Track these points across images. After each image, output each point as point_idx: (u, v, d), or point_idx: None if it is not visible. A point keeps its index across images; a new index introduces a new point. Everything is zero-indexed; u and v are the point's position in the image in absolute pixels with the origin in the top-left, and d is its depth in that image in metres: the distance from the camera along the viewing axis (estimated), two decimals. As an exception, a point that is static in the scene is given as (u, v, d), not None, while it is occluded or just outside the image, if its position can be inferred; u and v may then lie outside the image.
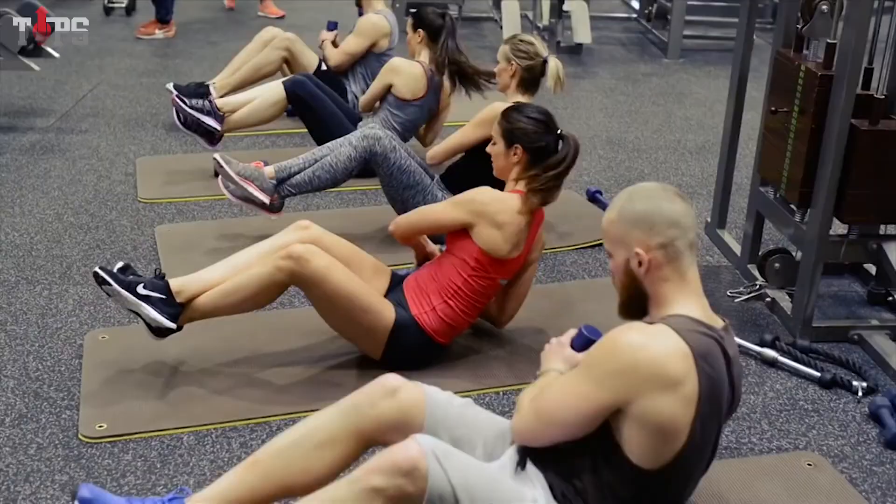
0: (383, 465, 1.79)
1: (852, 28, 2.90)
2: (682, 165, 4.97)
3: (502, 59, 3.71)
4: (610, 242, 1.96)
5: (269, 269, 2.72)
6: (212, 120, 4.43)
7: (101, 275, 2.73)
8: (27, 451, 2.52)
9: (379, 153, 3.64)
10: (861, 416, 2.83)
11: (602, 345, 1.86)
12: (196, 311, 2.81)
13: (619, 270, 1.95)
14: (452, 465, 1.81)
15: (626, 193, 1.96)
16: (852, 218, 3.15)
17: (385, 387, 2.05)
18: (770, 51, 3.46)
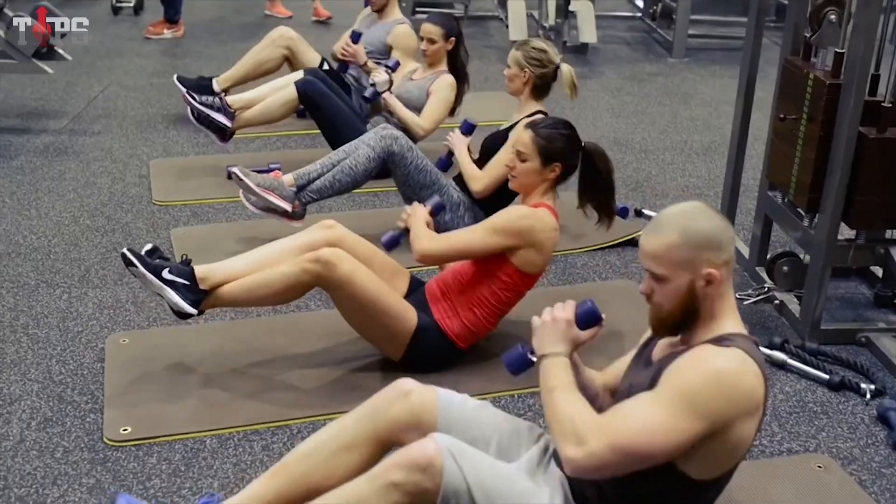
0: (401, 462, 1.88)
1: (860, 37, 2.94)
2: (689, 167, 5.02)
3: (514, 65, 3.72)
4: (669, 267, 1.88)
5: (297, 269, 2.79)
6: (222, 116, 4.48)
7: (129, 256, 2.80)
8: (54, 454, 2.58)
9: (397, 152, 3.70)
10: (869, 419, 2.89)
11: (696, 373, 1.80)
12: (219, 300, 2.88)
13: (677, 293, 1.89)
14: (468, 463, 1.88)
15: (680, 216, 1.89)
16: (860, 224, 3.21)
17: (398, 390, 2.14)
18: (775, 50, 3.51)
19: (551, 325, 2.01)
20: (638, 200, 4.50)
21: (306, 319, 3.33)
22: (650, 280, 1.92)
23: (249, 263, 2.93)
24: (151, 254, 2.90)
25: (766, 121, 3.93)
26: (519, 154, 2.92)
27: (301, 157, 4.46)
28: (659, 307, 1.93)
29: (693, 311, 1.91)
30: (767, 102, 3.99)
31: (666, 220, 1.90)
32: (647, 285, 1.93)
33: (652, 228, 1.92)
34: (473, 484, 1.87)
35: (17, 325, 3.23)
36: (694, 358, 1.83)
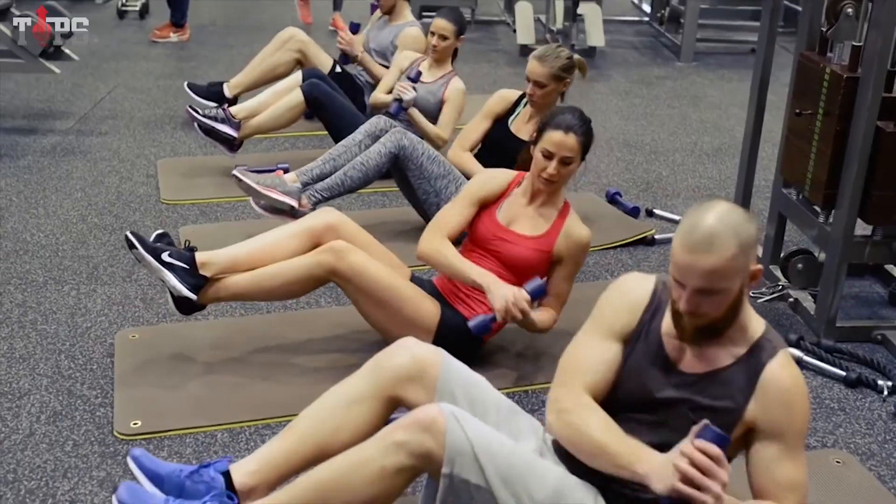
0: (406, 423, 1.91)
1: (879, 31, 2.92)
2: (699, 168, 5.00)
3: (550, 81, 3.59)
4: (730, 278, 1.80)
5: (309, 262, 2.77)
6: (227, 127, 4.46)
7: (131, 239, 2.79)
8: (63, 447, 2.55)
9: (407, 146, 3.68)
10: (887, 415, 2.85)
11: (804, 410, 1.91)
12: (224, 292, 2.85)
13: (728, 299, 1.84)
14: (471, 426, 1.89)
15: (726, 226, 1.78)
16: (877, 219, 3.17)
17: (402, 344, 2.19)
18: (784, 55, 3.50)
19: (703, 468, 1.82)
20: (649, 201, 4.47)
21: (316, 316, 3.30)
22: (696, 297, 1.82)
23: (252, 251, 2.90)
24: (161, 238, 2.90)
25: (776, 123, 3.92)
26: (564, 160, 2.82)
27: (310, 158, 4.41)
28: (704, 317, 1.86)
29: (737, 311, 1.90)
30: (777, 105, 3.98)
31: (716, 233, 1.77)
32: (692, 302, 1.83)
33: (701, 246, 1.77)
34: (478, 445, 1.87)
35: (26, 320, 3.20)
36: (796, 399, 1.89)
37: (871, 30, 2.97)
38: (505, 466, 1.88)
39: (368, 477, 1.90)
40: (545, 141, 2.82)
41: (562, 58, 3.62)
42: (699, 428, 1.79)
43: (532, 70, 3.61)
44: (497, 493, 1.87)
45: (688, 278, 1.81)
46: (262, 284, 2.85)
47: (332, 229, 2.92)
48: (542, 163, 2.83)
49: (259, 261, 2.88)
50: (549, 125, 2.84)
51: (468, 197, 2.97)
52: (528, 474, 1.91)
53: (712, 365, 1.93)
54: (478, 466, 1.86)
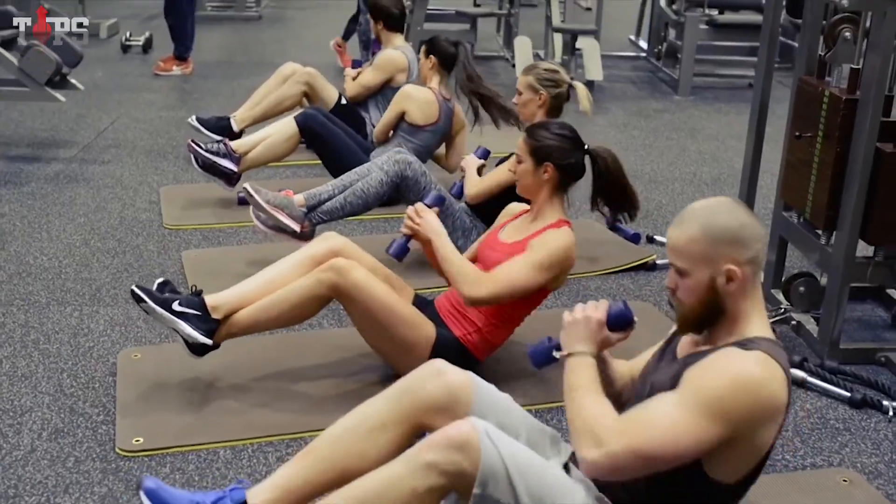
0: (438, 441, 1.84)
1: (877, 53, 2.96)
2: (698, 196, 5.01)
3: (527, 90, 3.70)
4: (689, 260, 1.86)
5: (311, 282, 2.75)
6: (228, 162, 4.46)
7: (138, 293, 2.75)
8: (65, 463, 2.53)
9: (410, 177, 3.69)
10: (893, 435, 2.84)
11: (714, 374, 1.77)
12: (235, 327, 2.83)
13: (697, 288, 1.87)
14: (505, 445, 1.84)
15: (704, 210, 1.88)
16: (879, 240, 3.19)
17: (433, 368, 2.11)
18: (780, 89, 3.53)
19: (582, 323, 1.99)
20: (649, 228, 4.49)
21: (318, 336, 3.30)
22: (674, 274, 1.91)
23: (259, 285, 2.89)
24: (163, 287, 2.86)
25: (773, 153, 3.95)
26: (517, 157, 2.93)
27: (311, 186, 4.44)
28: (681, 303, 1.92)
29: (716, 308, 1.89)
30: (774, 137, 4.01)
31: (690, 214, 1.89)
32: (671, 279, 1.93)
33: (677, 221, 1.91)
34: (511, 465, 1.82)
35: (28, 340, 3.20)
36: (718, 361, 1.80)
37: (869, 53, 3.01)
38: (536, 486, 1.84)
39: (400, 499, 1.83)
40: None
41: (540, 70, 3.70)
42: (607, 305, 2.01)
43: (518, 81, 3.76)
44: None
45: (667, 251, 1.93)
46: (269, 313, 2.82)
47: (336, 255, 2.92)
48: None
49: (268, 295, 2.87)
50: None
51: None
52: (558, 493, 1.87)
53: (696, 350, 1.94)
54: (510, 486, 1.81)
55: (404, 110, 4.43)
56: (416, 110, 4.41)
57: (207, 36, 9.08)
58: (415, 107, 4.41)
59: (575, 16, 8.12)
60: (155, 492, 2.01)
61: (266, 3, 11.12)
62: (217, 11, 10.46)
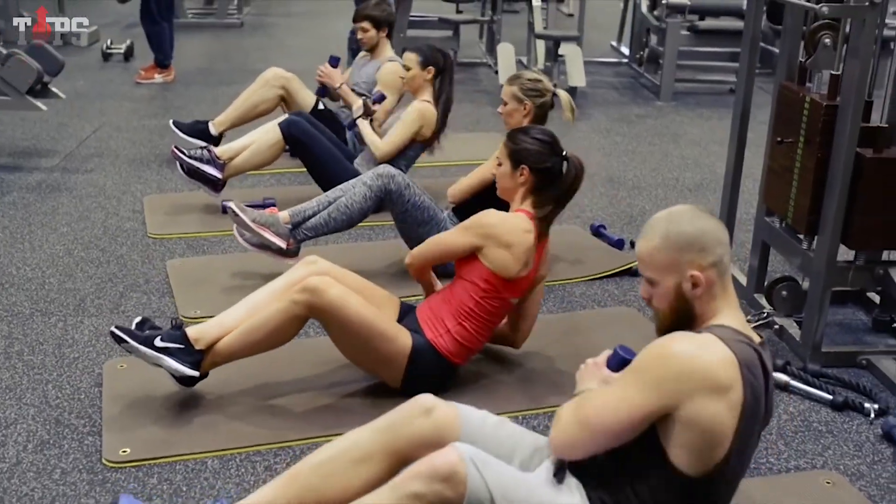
0: (423, 471, 1.84)
1: (856, 60, 2.99)
2: (681, 201, 4.97)
3: (511, 100, 3.72)
4: (655, 270, 1.94)
5: (286, 303, 2.75)
6: (212, 168, 4.47)
7: (118, 334, 2.74)
8: (52, 475, 2.52)
9: (394, 191, 3.69)
10: (875, 437, 2.87)
11: (650, 352, 1.88)
12: (219, 356, 2.82)
13: (667, 295, 1.95)
14: (490, 473, 1.85)
15: (664, 220, 1.96)
16: (859, 244, 3.23)
17: (420, 405, 2.10)
18: (761, 95, 3.56)
19: (590, 368, 2.10)
20: (633, 233, 4.51)
21: (304, 345, 3.29)
22: (646, 284, 2.00)
23: (241, 314, 2.88)
24: (142, 325, 2.86)
25: (756, 159, 3.98)
26: (497, 160, 3.01)
27: (295, 194, 4.46)
28: (656, 310, 2.00)
29: (687, 312, 1.96)
30: (756, 142, 4.04)
31: (652, 224, 1.98)
32: (645, 289, 2.01)
33: (642, 232, 2.00)
34: (496, 492, 1.84)
35: (12, 351, 3.18)
36: (656, 341, 1.90)
37: (849, 59, 3.04)
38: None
39: None
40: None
41: (524, 80, 3.72)
42: (611, 352, 2.07)
43: (503, 90, 3.78)
44: None
45: (637, 263, 2.02)
46: (250, 338, 2.81)
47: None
48: None
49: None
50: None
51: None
52: None
53: None
54: None
55: (420, 128, 4.37)
56: (428, 130, 4.38)
57: (188, 43, 9.06)
58: (428, 127, 4.37)
59: (557, 22, 8.17)
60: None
61: (248, 10, 11.11)
62: (198, 18, 10.44)
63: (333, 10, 11.18)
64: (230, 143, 4.68)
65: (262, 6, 11.79)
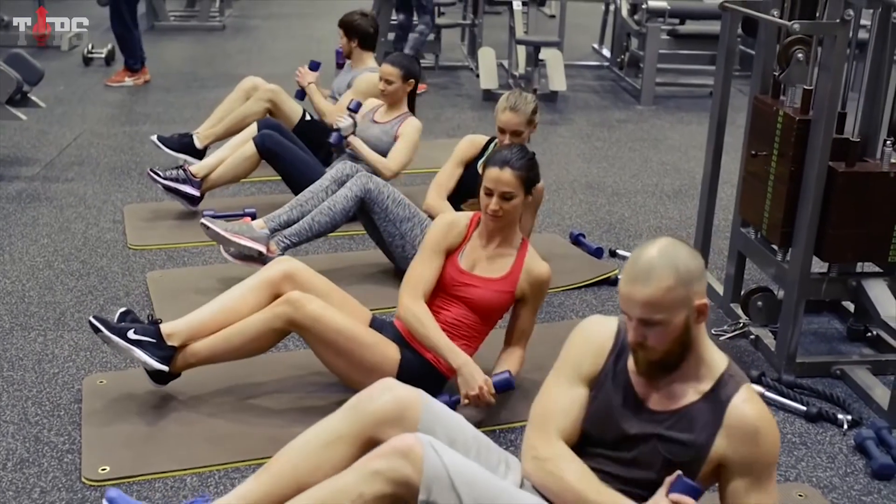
0: (383, 450, 1.95)
1: (828, 75, 3.03)
2: (660, 208, 5.09)
3: (525, 127, 3.56)
4: (668, 310, 1.88)
5: (267, 315, 2.79)
6: (188, 187, 4.53)
7: (95, 323, 2.82)
8: (31, 494, 2.53)
9: (373, 189, 3.73)
10: (847, 448, 2.91)
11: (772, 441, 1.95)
12: (194, 358, 2.87)
13: (674, 332, 1.91)
14: (449, 457, 1.93)
15: (665, 258, 1.89)
16: (832, 257, 3.26)
17: (383, 384, 2.20)
18: (740, 97, 3.59)
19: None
20: (612, 241, 4.55)
21: (284, 359, 3.31)
22: (641, 328, 1.92)
23: (215, 312, 2.92)
24: (125, 316, 2.93)
25: (734, 164, 4.01)
26: (504, 195, 2.87)
27: (276, 202, 4.45)
28: (653, 351, 1.94)
29: (686, 345, 1.96)
30: (735, 147, 4.08)
31: (654, 265, 1.88)
32: (639, 333, 1.93)
33: (639, 276, 1.89)
34: (455, 474, 1.90)
35: (-8, 367, 3.19)
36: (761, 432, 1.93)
37: (821, 74, 3.08)
38: (481, 492, 1.92)
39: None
40: (485, 178, 2.91)
41: (530, 101, 3.63)
42: (672, 479, 1.88)
43: (508, 121, 3.55)
44: None
45: (630, 309, 1.91)
46: (227, 345, 2.87)
47: (289, 278, 2.96)
48: (484, 200, 2.91)
49: (223, 321, 2.91)
50: (488, 163, 2.93)
51: (433, 248, 2.99)
52: (503, 499, 1.95)
53: (678, 402, 1.99)
54: (455, 494, 1.89)
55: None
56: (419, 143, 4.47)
57: (170, 46, 9.06)
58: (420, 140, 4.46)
59: (539, 24, 8.19)
60: (116, 500, 2.13)
61: (230, 12, 11.08)
62: (180, 21, 10.41)
63: (316, 12, 11.19)
64: (205, 160, 4.70)
65: (245, 9, 11.76)
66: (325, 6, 10.77)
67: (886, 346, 3.48)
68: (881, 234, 3.21)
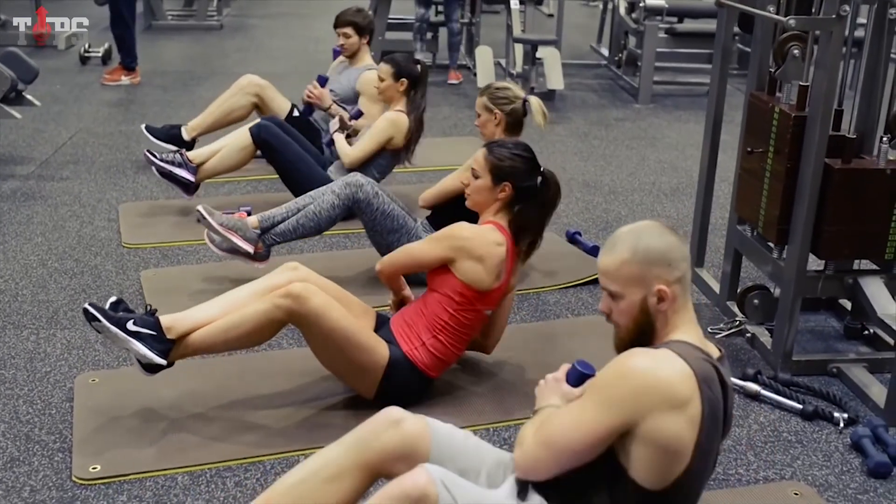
0: (393, 493, 1.84)
1: (824, 71, 3.01)
2: (657, 207, 5.08)
3: (483, 111, 3.76)
4: (621, 284, 1.95)
5: (268, 306, 2.75)
6: (184, 171, 4.50)
7: (91, 311, 2.72)
8: (21, 493, 2.52)
9: (362, 199, 3.70)
10: (843, 447, 2.90)
11: (609, 370, 1.89)
12: (189, 348, 2.82)
13: (630, 309, 1.96)
14: (460, 494, 1.85)
15: (631, 234, 1.96)
16: (828, 254, 3.25)
17: (389, 418, 2.09)
18: (738, 96, 3.58)
19: (550, 384, 2.10)
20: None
21: (277, 358, 3.30)
22: (607, 298, 2.00)
23: (216, 309, 2.89)
24: (116, 305, 2.83)
25: (731, 162, 3.99)
26: (473, 171, 3.00)
27: (271, 200, 4.47)
28: (617, 325, 2.01)
29: (647, 327, 1.98)
30: (732, 145, 4.07)
31: (618, 238, 1.98)
32: (605, 303, 2.02)
33: (606, 246, 2.00)
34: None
35: (-17, 366, 3.17)
36: (616, 359, 1.91)
37: (817, 70, 3.06)
38: None
39: None
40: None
41: (492, 89, 3.76)
42: (568, 367, 2.06)
43: (477, 102, 3.82)
44: None
45: (599, 277, 2.01)
46: (225, 335, 2.82)
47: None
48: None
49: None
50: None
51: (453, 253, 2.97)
52: None
53: None
54: None
55: (390, 138, 4.41)
56: (399, 139, 4.40)
57: (167, 45, 9.05)
58: (400, 136, 4.39)
59: (537, 23, 8.19)
60: None
61: (227, 11, 11.07)
62: (178, 20, 10.40)
63: (314, 12, 11.17)
64: (202, 148, 4.69)
65: (243, 8, 11.75)
66: (322, 6, 10.74)
67: (883, 343, 3.46)
68: (877, 231, 3.20)
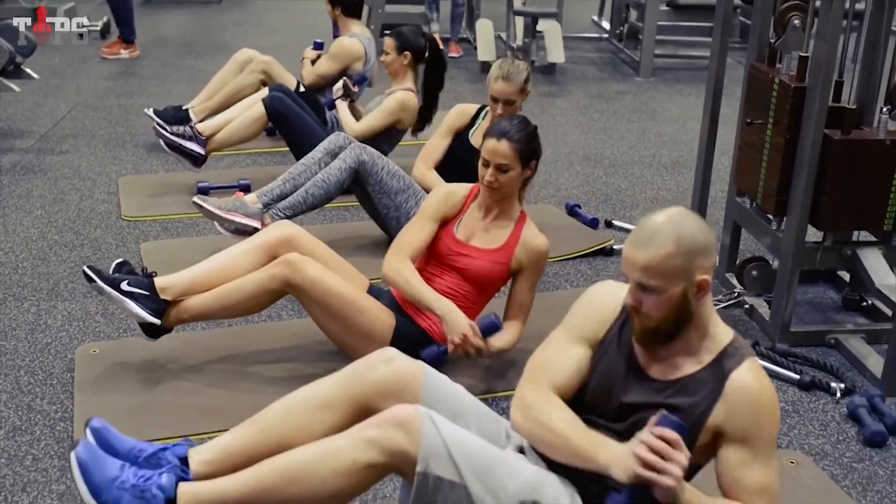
0: (381, 419, 1.91)
1: (824, 41, 3.00)
2: (657, 180, 5.07)
3: (518, 95, 3.60)
4: (664, 277, 1.84)
5: (264, 276, 2.78)
6: (194, 144, 4.50)
7: (89, 273, 2.84)
8: (23, 462, 2.54)
9: (367, 161, 3.71)
10: (840, 416, 2.92)
11: (772, 414, 1.93)
12: (186, 313, 2.88)
13: (669, 302, 1.87)
14: (448, 430, 1.89)
15: (671, 224, 1.85)
16: (827, 225, 3.25)
17: (383, 354, 2.13)
18: (738, 69, 3.57)
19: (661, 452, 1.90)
20: (609, 213, 4.53)
21: (278, 329, 3.31)
22: (638, 292, 1.89)
23: (210, 270, 2.94)
24: (120, 267, 2.93)
25: (731, 135, 3.99)
26: (500, 167, 2.86)
27: (271, 174, 4.44)
28: (647, 317, 1.91)
29: (685, 318, 1.91)
30: (732, 119, 4.06)
31: (657, 230, 1.85)
32: (635, 296, 1.90)
33: (641, 240, 1.86)
34: (453, 445, 1.88)
35: (-16, 337, 3.19)
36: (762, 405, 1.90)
37: (817, 41, 3.05)
38: (479, 462, 1.90)
39: (338, 468, 1.89)
40: (482, 149, 2.89)
41: (522, 69, 3.63)
42: (657, 417, 1.84)
43: (502, 91, 3.58)
44: (471, 489, 1.88)
45: (629, 271, 1.88)
46: (221, 302, 2.88)
47: (287, 242, 2.95)
48: (481, 171, 2.90)
49: (217, 280, 2.92)
50: (487, 134, 2.91)
51: (428, 215, 2.99)
52: (502, 468, 1.93)
53: (679, 372, 1.95)
54: (452, 463, 1.87)
55: (398, 120, 4.42)
56: (408, 120, 4.43)
57: (166, 19, 9.00)
58: (409, 118, 4.42)
59: (539, -5, 8.14)
60: (100, 430, 2.09)
61: (227, -16, 10.99)
62: (176, -6, 10.33)
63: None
64: (212, 119, 4.70)
65: (242, -19, 11.67)
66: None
67: (881, 314, 3.48)
68: (876, 202, 3.20)
